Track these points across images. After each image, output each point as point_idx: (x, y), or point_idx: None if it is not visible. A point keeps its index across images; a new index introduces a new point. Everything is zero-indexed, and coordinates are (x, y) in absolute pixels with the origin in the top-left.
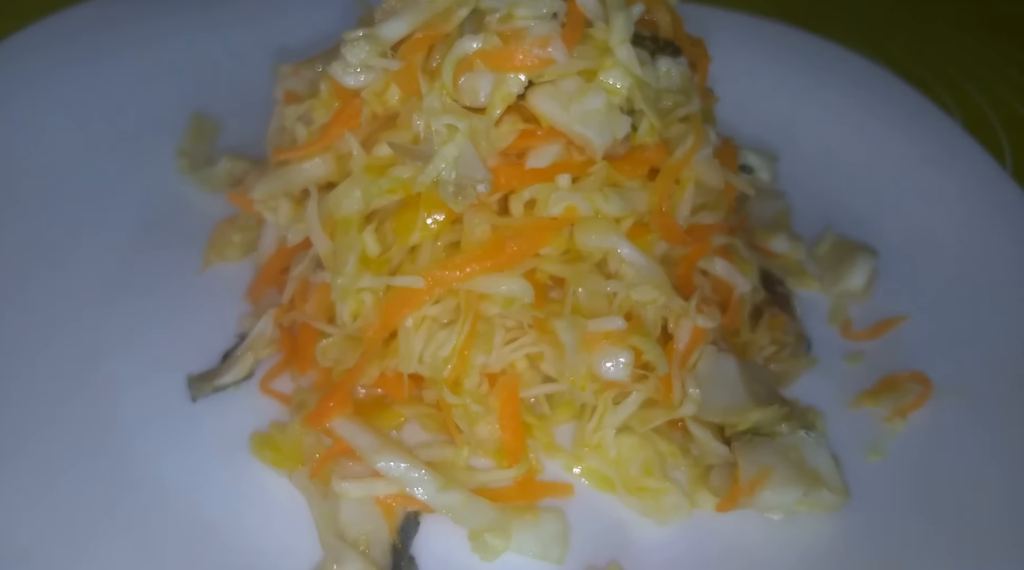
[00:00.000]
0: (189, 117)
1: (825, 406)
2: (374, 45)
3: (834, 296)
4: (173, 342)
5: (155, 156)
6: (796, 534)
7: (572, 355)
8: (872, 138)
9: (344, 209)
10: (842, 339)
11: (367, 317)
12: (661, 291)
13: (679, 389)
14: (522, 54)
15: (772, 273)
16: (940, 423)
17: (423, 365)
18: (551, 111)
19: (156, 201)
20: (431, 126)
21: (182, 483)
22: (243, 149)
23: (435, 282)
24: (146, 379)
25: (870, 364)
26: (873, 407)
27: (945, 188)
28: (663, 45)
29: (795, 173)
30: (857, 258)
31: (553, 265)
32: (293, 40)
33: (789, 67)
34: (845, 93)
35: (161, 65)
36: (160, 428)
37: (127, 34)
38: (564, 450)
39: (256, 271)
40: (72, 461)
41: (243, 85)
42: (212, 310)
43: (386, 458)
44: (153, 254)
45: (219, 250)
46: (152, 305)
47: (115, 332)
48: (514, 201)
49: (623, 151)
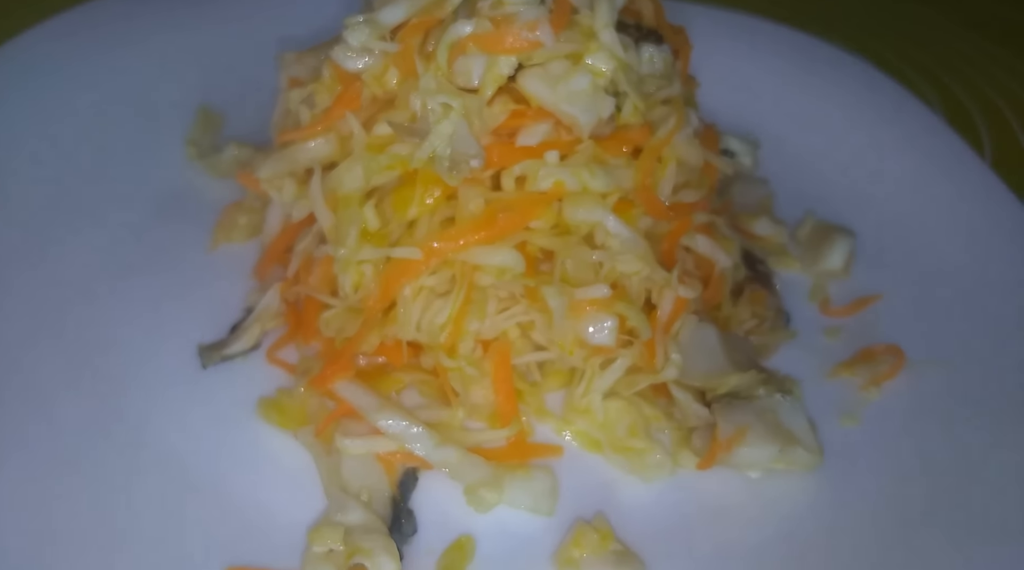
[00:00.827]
0: (196, 110)
1: (803, 376)
2: (374, 29)
3: (814, 275)
4: (184, 315)
5: (165, 145)
6: (774, 493)
7: (560, 321)
8: (852, 127)
9: (346, 186)
10: (821, 316)
11: (367, 288)
12: (645, 262)
13: (662, 354)
14: (512, 37)
15: (754, 253)
16: (913, 391)
17: (421, 332)
18: (540, 92)
19: (167, 186)
20: (427, 105)
21: (194, 444)
22: (248, 138)
23: (432, 253)
24: (159, 348)
25: (847, 338)
26: (849, 377)
27: (921, 173)
28: (646, 33)
29: (779, 162)
30: (836, 239)
31: (543, 238)
32: (295, 34)
33: (771, 60)
34: (825, 84)
35: (169, 59)
36: (173, 394)
37: (136, 30)
38: (554, 414)
39: (262, 250)
40: (90, 425)
41: (247, 78)
42: (220, 286)
43: (386, 416)
44: (165, 235)
45: (226, 231)
46: (164, 281)
47: (130, 305)
48: (505, 177)
49: (608, 131)
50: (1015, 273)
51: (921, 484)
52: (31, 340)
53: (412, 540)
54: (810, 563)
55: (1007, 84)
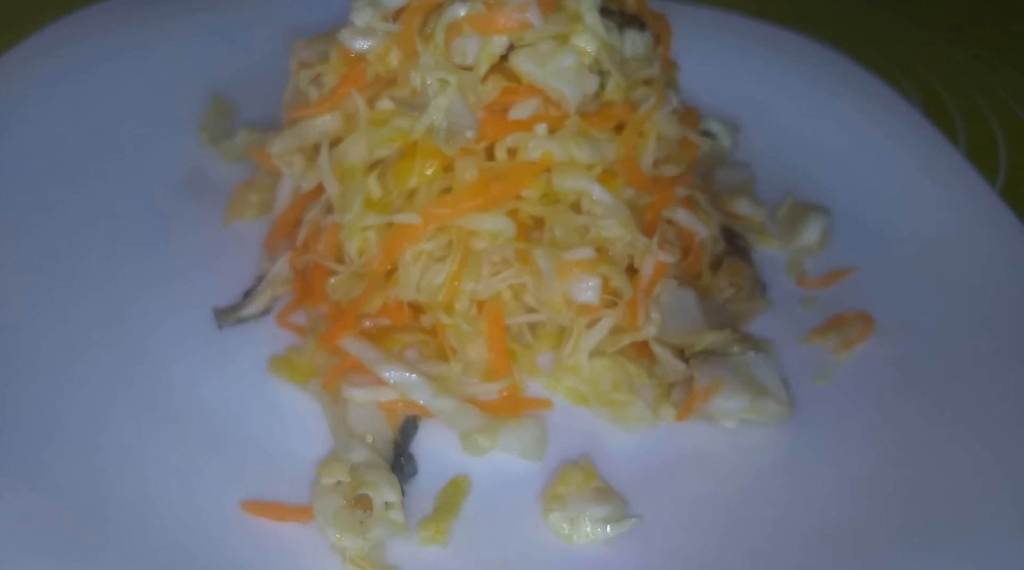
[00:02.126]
0: (208, 98)
1: (778, 341)
2: (377, 11)
3: (791, 252)
4: (200, 282)
5: (180, 133)
6: (749, 444)
7: (549, 281)
8: (829, 114)
9: (351, 158)
10: (798, 288)
11: (371, 252)
12: (627, 229)
13: (643, 314)
14: (504, 19)
15: (733, 229)
16: (883, 354)
17: (420, 292)
18: (530, 70)
19: (182, 170)
20: (426, 81)
21: (212, 396)
22: (259, 124)
23: (430, 219)
24: (178, 311)
25: (821, 308)
26: (822, 342)
27: (894, 156)
28: (629, 19)
29: (759, 148)
30: (811, 216)
31: (533, 206)
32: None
33: (752, 54)
34: (805, 76)
35: (183, 51)
36: (192, 352)
37: (152, 25)
38: (545, 372)
39: (272, 223)
40: (116, 381)
41: (258, 67)
42: (234, 258)
43: (389, 368)
44: (181, 214)
45: (239, 209)
46: (181, 253)
47: (150, 273)
48: (498, 148)
49: (593, 108)
50: (981, 248)
51: (887, 436)
52: (57, 304)
53: (412, 481)
54: (781, 508)
55: (982, 78)
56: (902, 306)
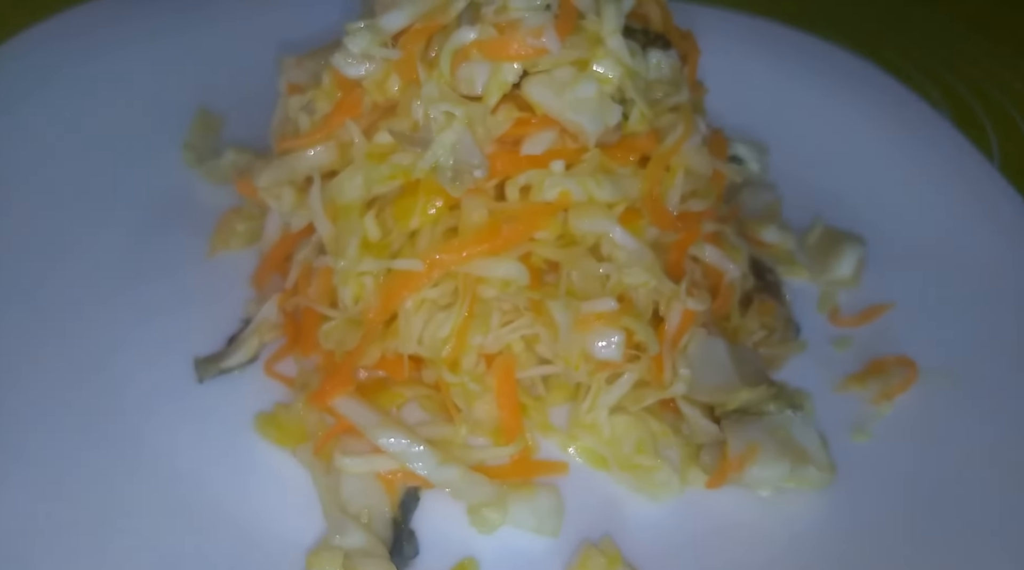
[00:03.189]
0: (194, 112)
1: (813, 389)
2: (374, 35)
3: (823, 284)
4: (180, 326)
5: (162, 149)
6: (784, 511)
7: (566, 335)
8: (860, 131)
9: (346, 195)
10: (830, 325)
11: (368, 300)
12: (652, 274)
13: (670, 369)
14: (517, 44)
15: (762, 261)
16: (926, 405)
17: (422, 346)
18: (545, 99)
19: (163, 192)
20: (429, 114)
21: (190, 461)
22: (247, 142)
23: (434, 265)
24: (154, 361)
25: (858, 349)
26: (860, 390)
27: (932, 179)
28: (653, 38)
29: (786, 166)
30: (845, 247)
31: (548, 249)
32: (296, 36)
33: (779, 63)
34: (834, 88)
35: (166, 61)
36: (168, 408)
37: (133, 31)
38: (559, 430)
39: (260, 259)
40: (82, 441)
41: (247, 80)
42: (218, 296)
43: (387, 434)
44: (161, 243)
45: (224, 239)
46: (160, 291)
47: (125, 316)
48: (510, 186)
49: (615, 139)
50: None
51: (934, 502)
52: (23, 352)
53: (414, 562)
54: None
55: (1011, 84)
56: (944, 346)
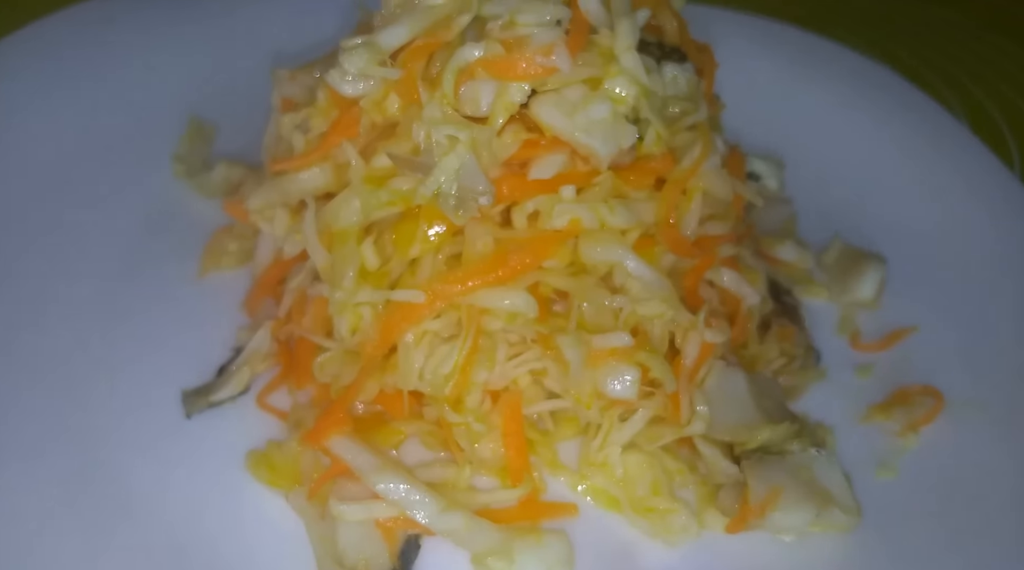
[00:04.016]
0: (185, 121)
1: (835, 420)
2: (372, 53)
3: (843, 305)
4: (167, 355)
5: (150, 161)
6: (808, 556)
7: (577, 372)
8: (879, 143)
9: (342, 221)
10: (851, 350)
11: (366, 332)
12: (668, 305)
13: (687, 406)
14: (525, 63)
15: (779, 282)
16: (953, 438)
17: (424, 382)
18: (555, 121)
19: (151, 207)
20: (431, 137)
21: (176, 503)
22: (240, 154)
23: (436, 297)
24: (140, 393)
25: (880, 376)
26: (884, 421)
27: (955, 194)
28: (669, 51)
29: (801, 179)
30: (866, 267)
31: (557, 278)
32: (291, 42)
33: (795, 69)
34: (852, 96)
35: (156, 68)
36: (154, 445)
37: (120, 36)
38: (568, 468)
39: (252, 281)
40: (64, 481)
41: (240, 88)
42: (208, 321)
43: (386, 479)
44: (148, 262)
45: (215, 259)
46: (146, 315)
47: (108, 343)
48: (517, 213)
49: (628, 160)
50: None
51: (963, 544)
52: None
53: None
54: None
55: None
56: (971, 374)
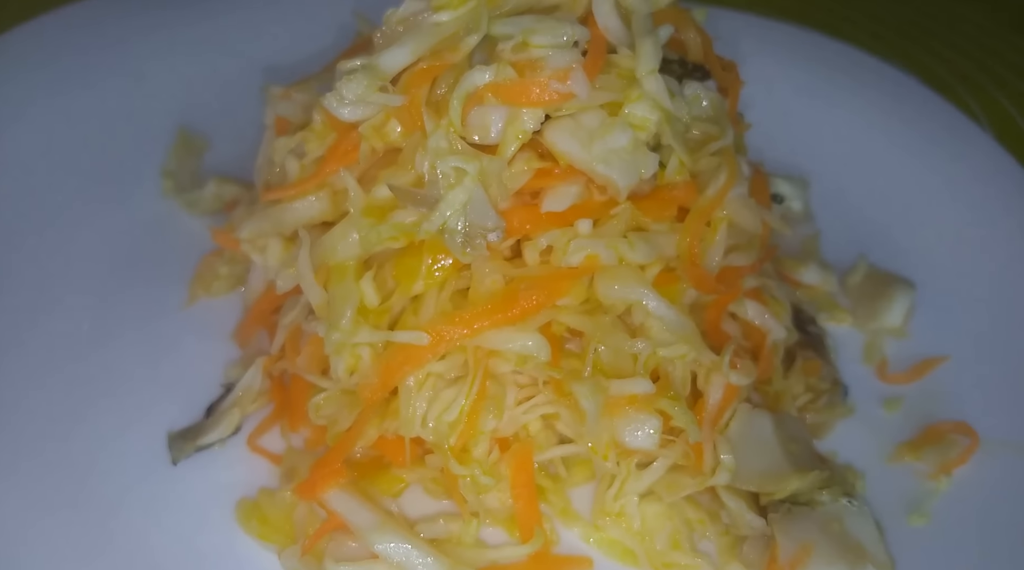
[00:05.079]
0: (174, 134)
1: (863, 460)
2: (372, 78)
3: (868, 332)
4: (152, 390)
5: (136, 177)
6: None
7: (594, 422)
8: (907, 158)
9: (340, 254)
10: (878, 381)
11: (364, 373)
12: (691, 346)
13: (711, 454)
14: (539, 88)
15: (803, 310)
16: (989, 480)
17: (427, 430)
18: (571, 149)
19: (138, 226)
20: (436, 168)
21: (161, 558)
22: (233, 168)
23: (440, 339)
24: (122, 435)
25: (909, 410)
26: (914, 462)
27: (988, 214)
28: (691, 68)
29: (823, 195)
30: (893, 292)
31: (571, 317)
32: (287, 49)
33: (817, 78)
34: (878, 108)
35: (143, 75)
36: (138, 493)
37: (105, 41)
38: (582, 518)
39: (244, 310)
40: (43, 532)
41: (233, 98)
42: (196, 352)
43: (386, 539)
44: (133, 287)
45: (205, 284)
46: (131, 347)
47: (90, 379)
48: (528, 249)
49: (648, 189)
50: None
51: None
52: None
53: None
54: None
55: None
56: (1006, 410)
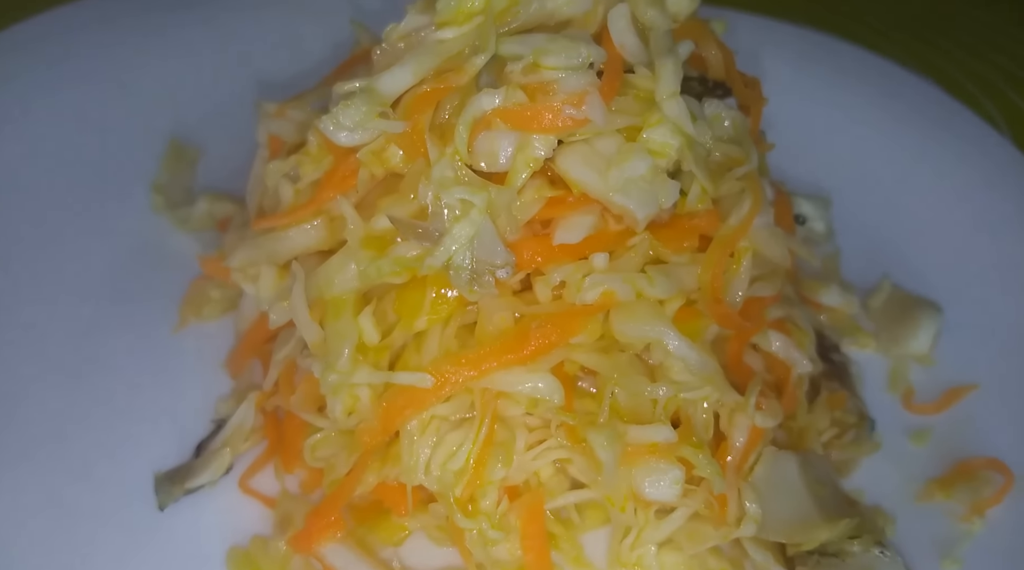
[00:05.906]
0: (165, 144)
1: (891, 499)
2: (371, 104)
3: (893, 358)
4: (140, 425)
5: (125, 191)
6: None
7: (611, 473)
8: (931, 172)
9: (337, 288)
10: (904, 411)
11: (364, 415)
12: (714, 387)
13: (735, 503)
14: (551, 114)
15: (826, 336)
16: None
17: (430, 477)
18: (585, 178)
19: (126, 245)
20: (441, 200)
21: None
22: (226, 182)
23: (445, 381)
24: (107, 474)
25: (938, 443)
26: (945, 501)
27: (1018, 233)
28: (712, 86)
29: (844, 212)
30: (919, 316)
31: (585, 356)
32: (283, 58)
33: (836, 87)
34: (901, 118)
35: (132, 83)
36: (122, 540)
37: (92, 47)
38: (596, 567)
39: (236, 337)
40: None
41: (227, 106)
42: (186, 383)
43: None
44: (120, 310)
45: (196, 307)
46: (117, 377)
47: (73, 412)
48: (540, 284)
49: (667, 216)
50: None
51: None
52: None
53: None
54: None
55: None
56: None
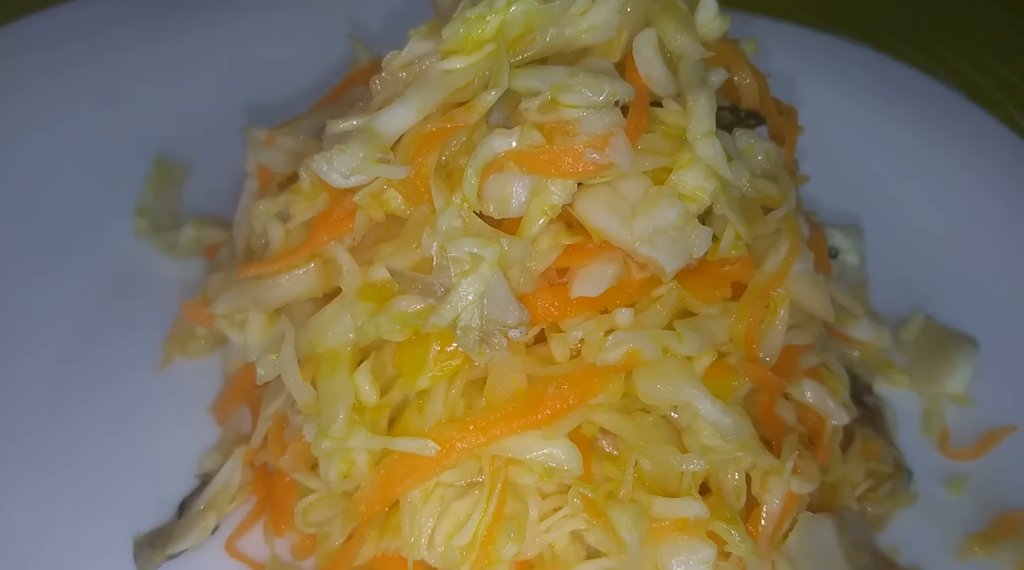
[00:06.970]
0: (150, 162)
1: (929, 556)
2: (370, 147)
3: (927, 397)
4: (118, 478)
5: (108, 214)
6: None
7: (636, 554)
8: (966, 194)
9: (331, 341)
10: (940, 456)
11: (360, 482)
12: (747, 451)
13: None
14: (571, 157)
15: (858, 376)
16: None
17: (433, 553)
18: (608, 226)
19: (108, 273)
20: (447, 251)
21: None
22: (214, 204)
23: (451, 448)
24: (83, 535)
25: (977, 493)
26: (987, 558)
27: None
28: (744, 116)
29: (873, 238)
30: (955, 353)
31: (606, 417)
32: (276, 72)
33: (864, 100)
34: (935, 136)
35: (116, 97)
36: None
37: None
38: None
39: (224, 381)
40: None
41: (216, 123)
42: (169, 430)
43: None
44: (98, 347)
45: (181, 344)
46: (94, 423)
47: (46, 462)
48: (556, 342)
49: (696, 263)
50: None
51: None
52: None
53: None
54: None
55: None
56: None
